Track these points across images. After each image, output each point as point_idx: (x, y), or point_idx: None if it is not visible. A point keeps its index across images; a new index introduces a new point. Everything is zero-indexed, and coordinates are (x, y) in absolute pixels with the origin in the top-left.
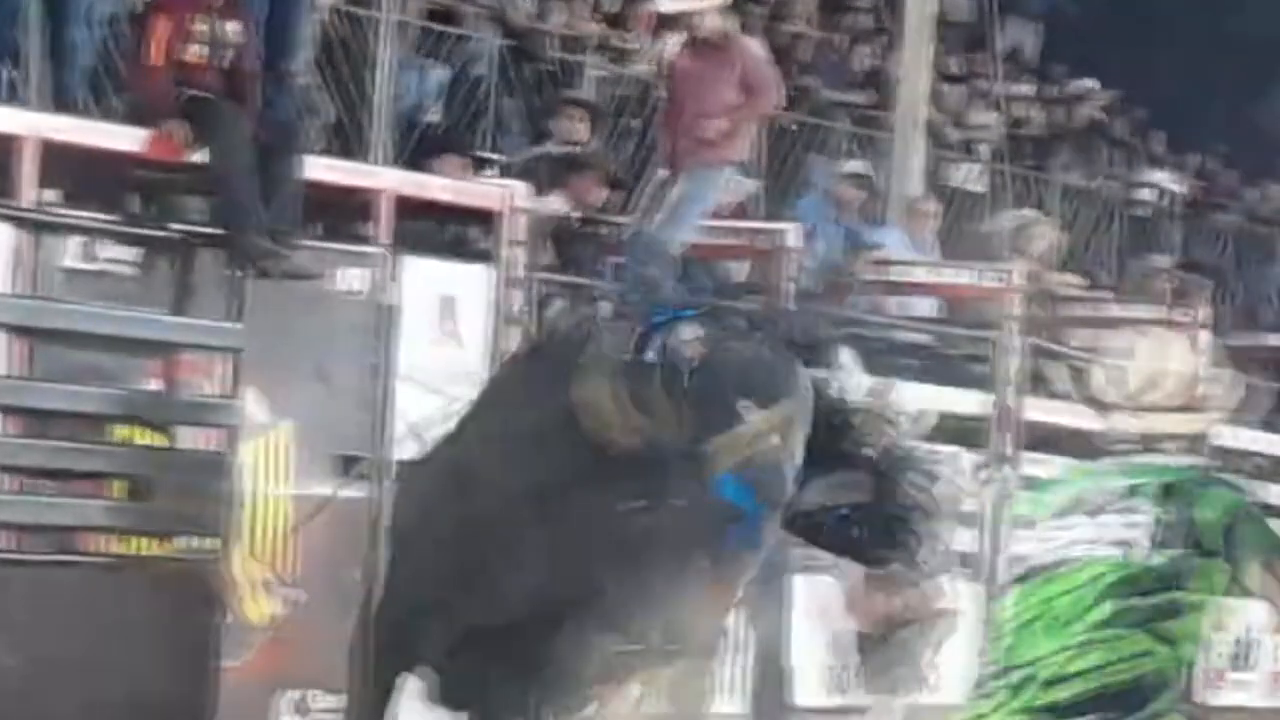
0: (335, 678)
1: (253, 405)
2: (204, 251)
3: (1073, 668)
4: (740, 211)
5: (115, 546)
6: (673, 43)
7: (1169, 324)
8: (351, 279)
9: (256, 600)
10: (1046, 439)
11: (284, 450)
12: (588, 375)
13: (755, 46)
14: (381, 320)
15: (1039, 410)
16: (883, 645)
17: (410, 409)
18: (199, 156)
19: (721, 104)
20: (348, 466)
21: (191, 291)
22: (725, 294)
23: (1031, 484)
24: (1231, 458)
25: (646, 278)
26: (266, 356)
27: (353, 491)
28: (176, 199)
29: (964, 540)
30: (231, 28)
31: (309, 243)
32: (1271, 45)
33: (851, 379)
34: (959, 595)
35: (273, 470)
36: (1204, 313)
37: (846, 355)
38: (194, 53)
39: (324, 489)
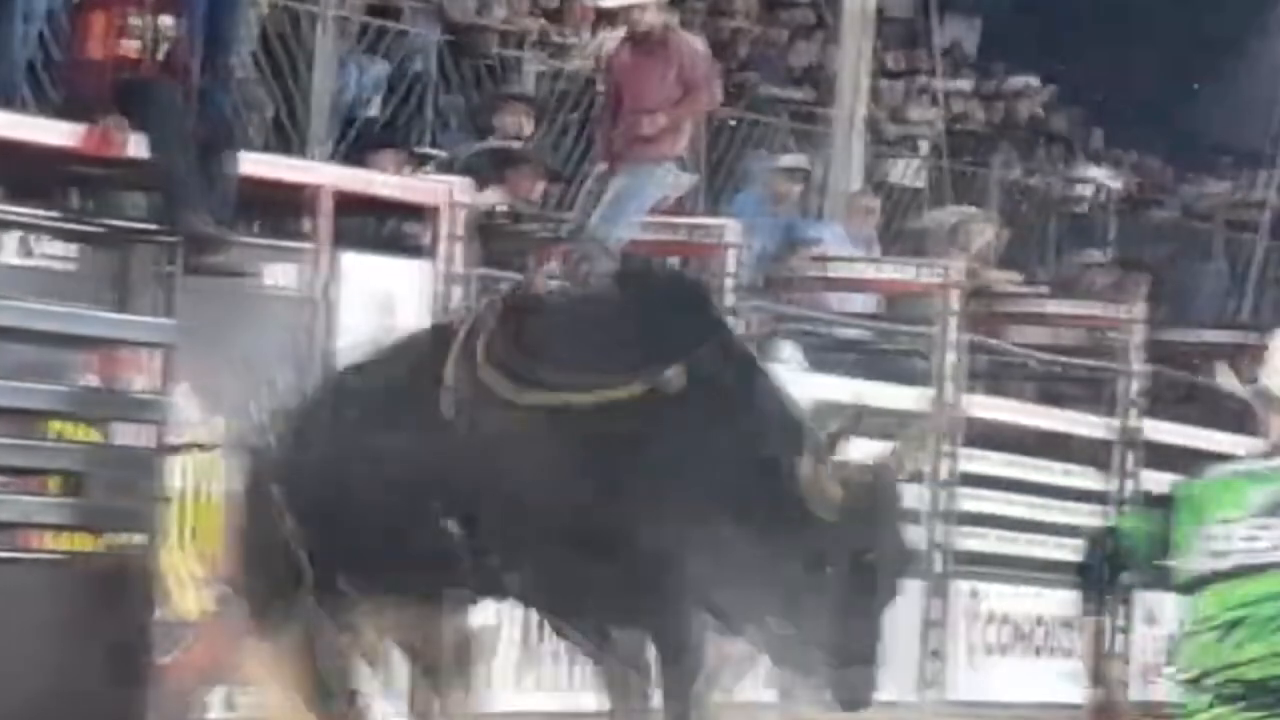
0: (268, 673)
1: (185, 402)
2: (141, 247)
3: None
4: (680, 207)
5: (48, 542)
6: (611, 38)
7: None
8: (288, 275)
9: (188, 596)
10: (986, 434)
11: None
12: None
13: (694, 42)
14: (316, 316)
15: (978, 406)
16: None
17: None
18: (138, 151)
19: (660, 100)
20: None
21: (127, 287)
22: None
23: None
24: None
25: (590, 274)
26: (200, 353)
27: None
28: (114, 194)
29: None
30: (168, 22)
31: (244, 238)
32: (1206, 42)
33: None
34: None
35: (205, 466)
36: (1140, 308)
37: (788, 350)
38: (130, 47)
39: None
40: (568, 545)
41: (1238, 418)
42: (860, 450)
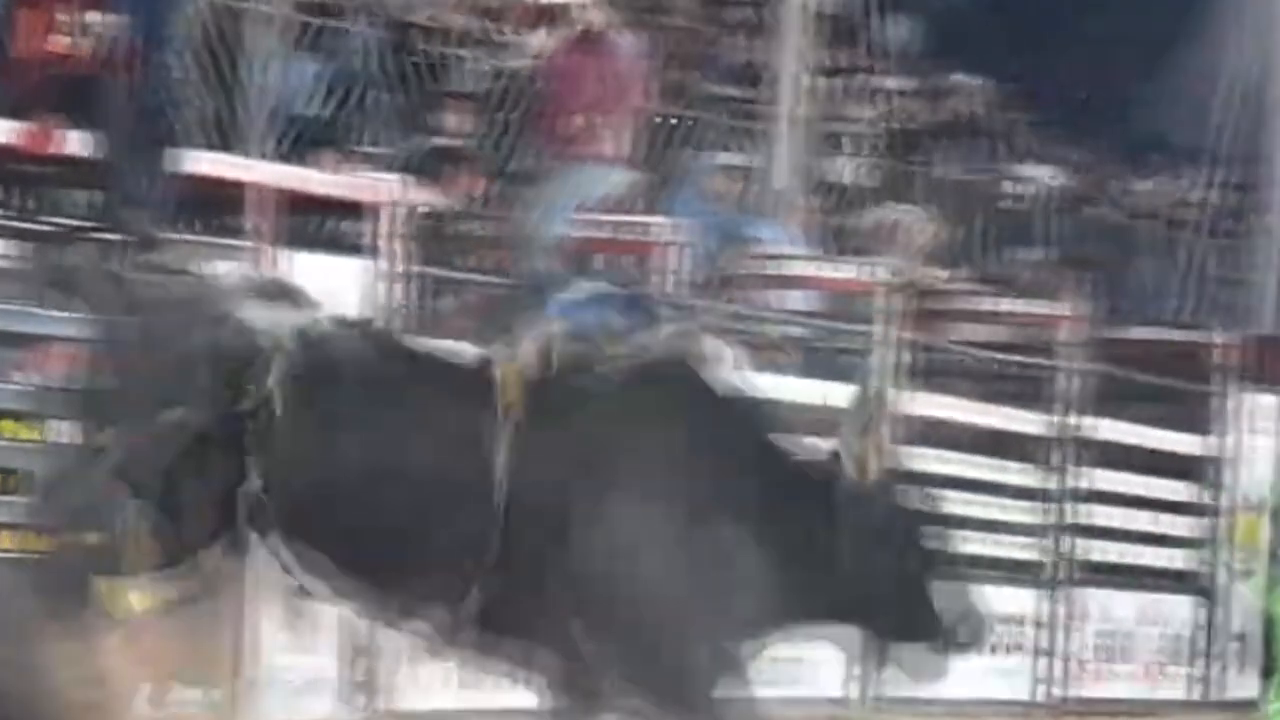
0: (191, 672)
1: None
2: (80, 245)
3: None
4: (621, 206)
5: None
6: (549, 37)
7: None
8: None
9: (116, 595)
10: (925, 433)
11: None
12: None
13: (631, 41)
14: (245, 311)
15: (918, 404)
16: None
17: None
18: (79, 149)
19: (598, 98)
20: None
21: (67, 285)
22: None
23: None
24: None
25: (536, 272)
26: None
27: None
28: (52, 192)
29: None
30: (103, 20)
31: (186, 237)
32: (1146, 40)
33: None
34: None
35: None
36: (1081, 306)
37: (726, 349)
38: (64, 44)
39: None
40: None
41: (1179, 416)
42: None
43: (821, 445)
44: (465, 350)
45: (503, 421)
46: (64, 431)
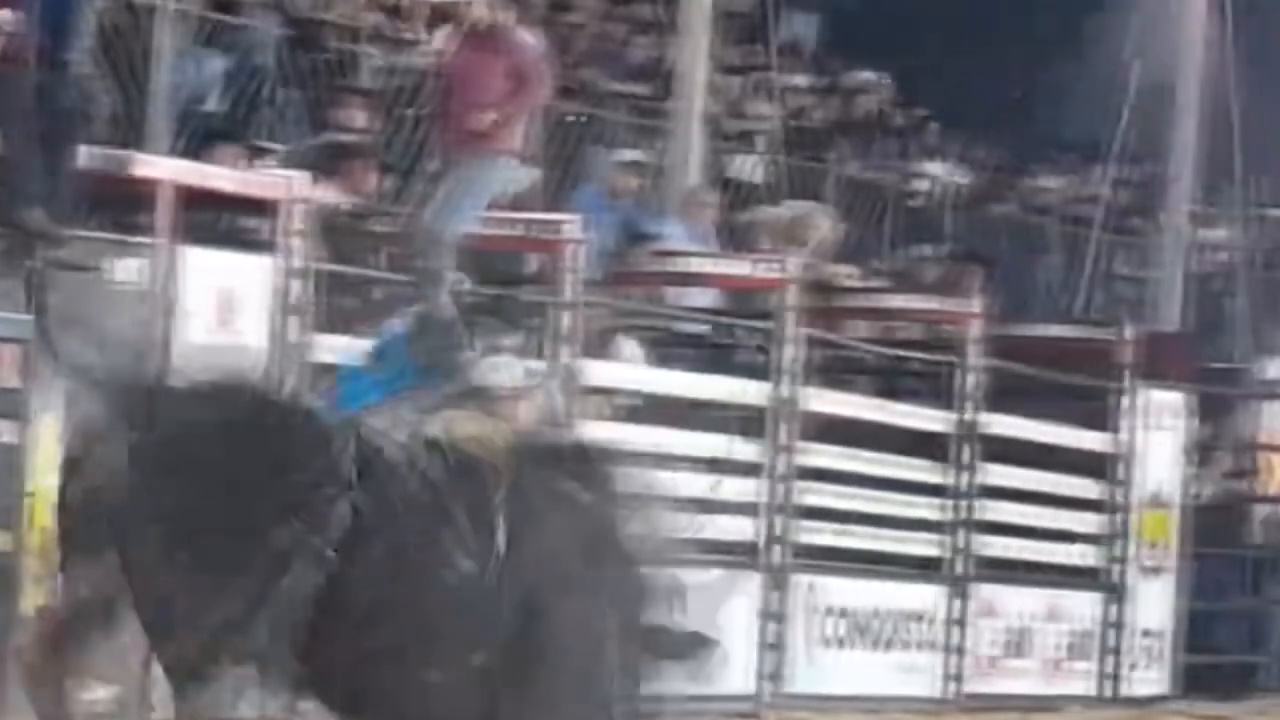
0: (103, 669)
1: (39, 396)
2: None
3: None
4: (520, 203)
5: None
6: (446, 34)
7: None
8: (130, 270)
9: (28, 592)
10: (826, 429)
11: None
12: None
13: (527, 37)
14: (158, 311)
15: (818, 401)
16: None
17: None
18: None
19: (494, 94)
20: None
21: None
22: (511, 286)
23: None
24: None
25: (428, 269)
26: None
27: None
28: None
29: (744, 530)
30: (5, 16)
31: (86, 233)
32: (1043, 38)
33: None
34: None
35: (52, 461)
36: (978, 303)
37: (629, 346)
38: None
39: None
40: None
41: (1081, 412)
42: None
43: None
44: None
45: None
46: None
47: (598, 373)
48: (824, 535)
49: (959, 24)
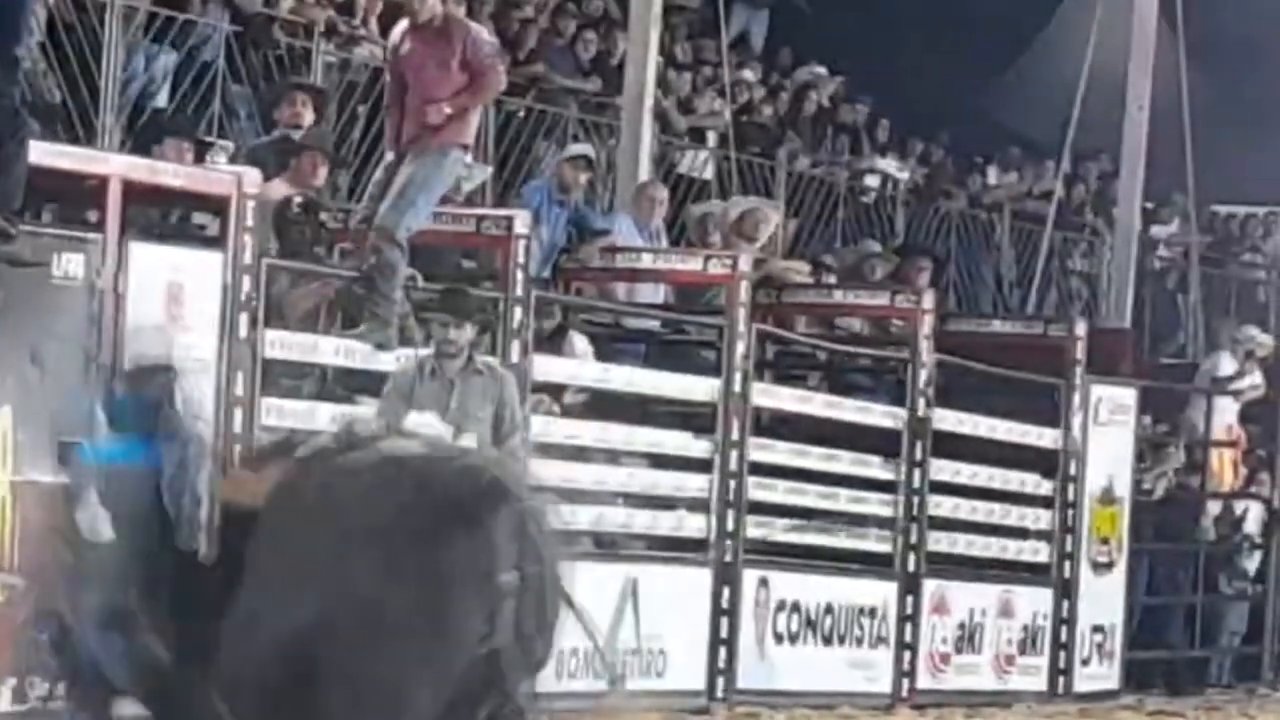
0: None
1: None
2: None
3: None
4: (469, 198)
5: None
6: (397, 28)
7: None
8: (77, 265)
9: None
10: (774, 424)
11: (1, 436)
12: None
13: (478, 30)
14: (99, 306)
15: (767, 396)
16: None
17: None
18: None
19: (445, 88)
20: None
21: None
22: (457, 281)
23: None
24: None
25: (381, 263)
26: None
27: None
28: None
29: (694, 525)
30: None
31: (31, 228)
32: (995, 35)
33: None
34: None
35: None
36: (929, 298)
37: (580, 342)
38: None
39: (42, 475)
40: None
41: (1030, 408)
42: None
43: None
44: None
45: None
46: None
47: (547, 368)
48: (775, 531)
49: (909, 20)
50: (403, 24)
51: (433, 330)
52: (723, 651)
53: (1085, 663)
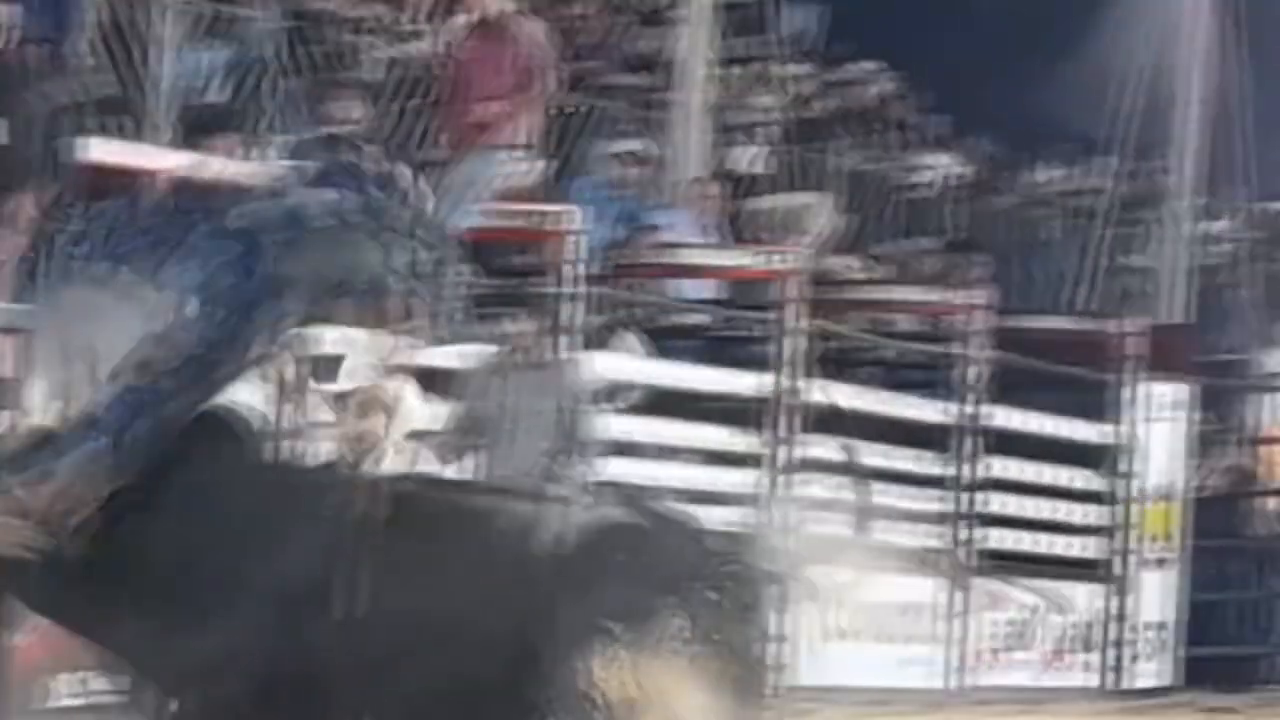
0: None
1: (37, 390)
2: None
3: None
4: (523, 194)
5: None
6: (454, 25)
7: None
8: None
9: None
10: (827, 421)
11: None
12: None
13: (533, 28)
14: (157, 305)
15: (819, 392)
16: None
17: None
18: None
19: (500, 86)
20: None
21: None
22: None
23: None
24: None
25: (432, 261)
26: (50, 341)
27: None
28: None
29: (748, 522)
30: (6, 10)
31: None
32: (1047, 27)
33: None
34: None
35: None
36: (982, 294)
37: (631, 338)
38: None
39: None
40: None
41: (1082, 404)
42: None
43: None
44: None
45: None
46: None
47: (600, 365)
48: (826, 528)
49: (962, 15)
50: (458, 21)
51: (493, 325)
52: (776, 648)
53: (1139, 659)
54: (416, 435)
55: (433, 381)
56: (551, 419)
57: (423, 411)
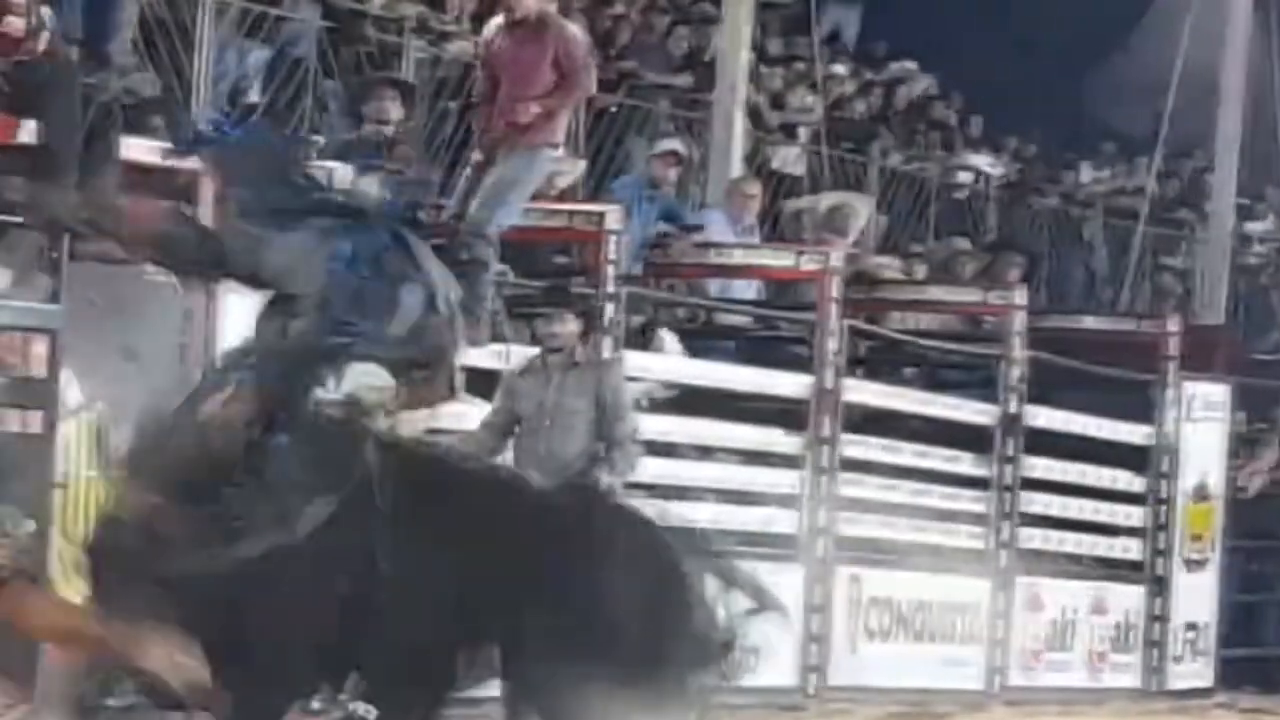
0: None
1: (68, 387)
2: (22, 233)
3: None
4: (562, 194)
5: None
6: (491, 25)
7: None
8: None
9: (71, 581)
10: (866, 421)
11: (97, 432)
12: None
13: (572, 28)
14: (198, 303)
15: (858, 392)
16: None
17: None
18: (26, 137)
19: (538, 86)
20: None
21: (9, 273)
22: (548, 278)
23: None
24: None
25: (470, 260)
26: (81, 339)
27: None
28: None
29: (786, 522)
30: (47, 11)
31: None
32: (1088, 29)
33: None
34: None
35: (86, 451)
36: (1021, 294)
37: (669, 338)
38: (18, 26)
39: None
40: None
41: (1123, 405)
42: None
43: None
44: None
45: None
46: None
47: (639, 364)
48: (867, 527)
49: (1002, 15)
50: (496, 20)
51: (535, 325)
52: (814, 648)
53: (1178, 660)
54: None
55: (475, 382)
56: (589, 418)
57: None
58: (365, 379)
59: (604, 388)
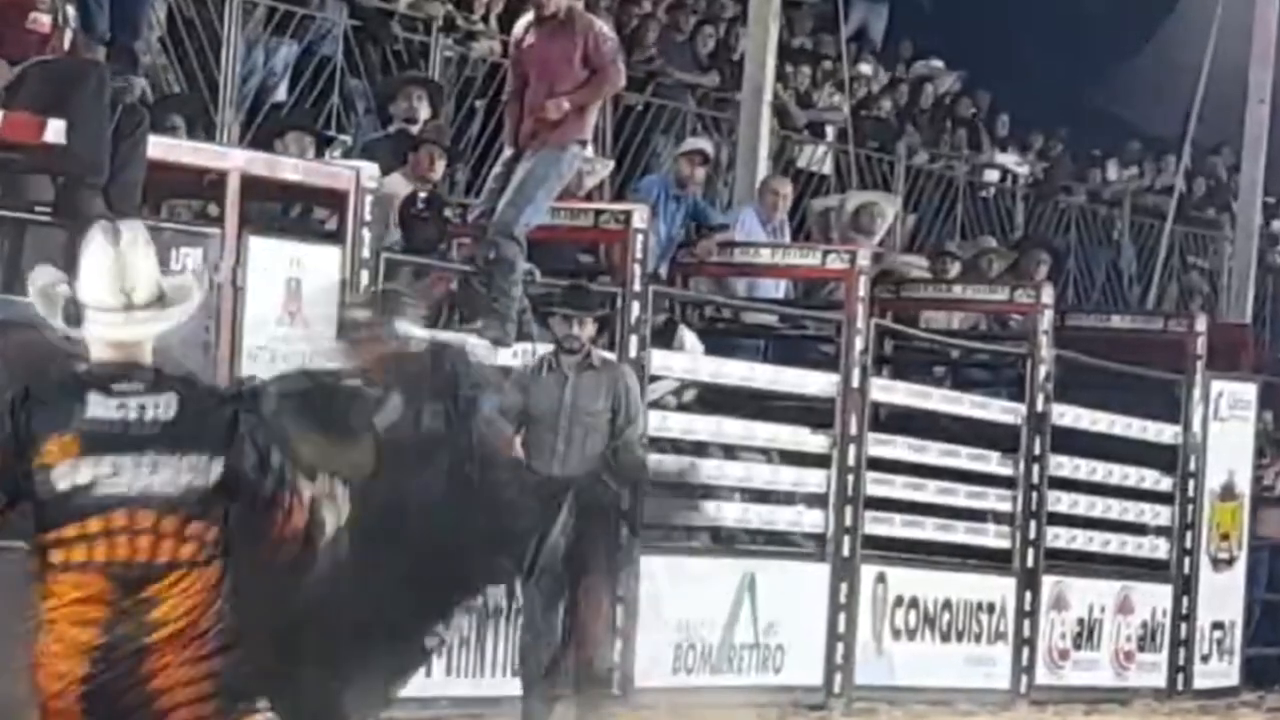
0: None
1: None
2: (44, 230)
3: None
4: (589, 193)
5: None
6: (520, 23)
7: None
8: (196, 259)
9: None
10: (893, 419)
11: None
12: None
13: (601, 26)
14: (218, 300)
15: (885, 391)
16: None
17: None
18: (53, 136)
19: (566, 83)
20: None
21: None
22: (573, 276)
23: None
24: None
25: (497, 259)
26: None
27: None
28: (18, 178)
29: (812, 521)
30: (74, 9)
31: (151, 223)
32: (1115, 28)
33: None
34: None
35: None
36: (1048, 293)
37: (690, 338)
38: (45, 23)
39: None
40: None
41: (1149, 404)
42: None
43: None
44: None
45: None
46: None
47: (664, 363)
48: (893, 526)
49: (1029, 13)
50: (525, 18)
51: (554, 325)
52: (840, 647)
53: (1205, 659)
54: None
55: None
56: (608, 419)
57: None
58: None
59: (618, 389)
